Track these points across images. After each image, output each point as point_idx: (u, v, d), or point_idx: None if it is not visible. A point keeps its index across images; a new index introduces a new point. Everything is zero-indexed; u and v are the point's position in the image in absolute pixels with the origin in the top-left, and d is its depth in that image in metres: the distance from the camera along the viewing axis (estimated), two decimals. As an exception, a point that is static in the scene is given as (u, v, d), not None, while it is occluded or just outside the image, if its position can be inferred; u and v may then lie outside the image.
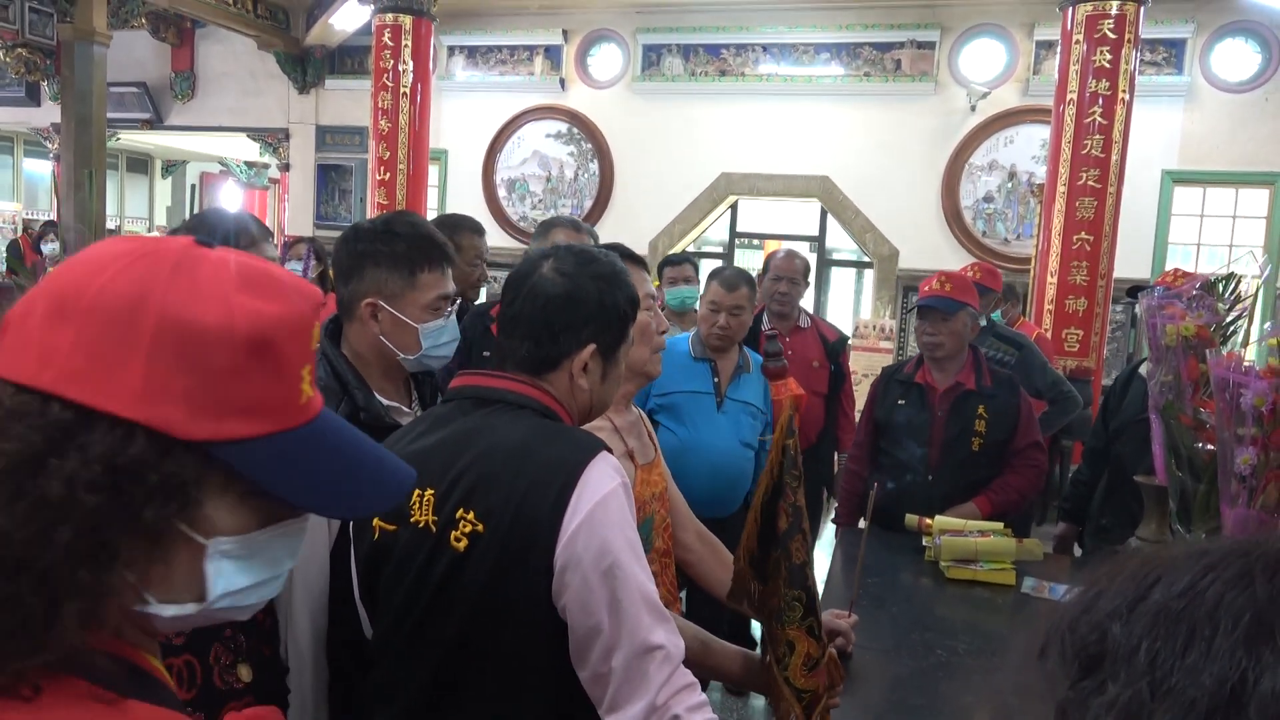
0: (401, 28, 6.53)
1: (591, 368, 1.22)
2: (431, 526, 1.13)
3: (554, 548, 1.08)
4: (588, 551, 1.07)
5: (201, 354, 0.56)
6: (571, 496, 1.08)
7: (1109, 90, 5.28)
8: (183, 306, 0.56)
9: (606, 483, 1.11)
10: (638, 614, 1.08)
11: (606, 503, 1.09)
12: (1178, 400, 1.78)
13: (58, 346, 0.55)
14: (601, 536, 1.08)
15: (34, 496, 0.53)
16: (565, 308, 1.20)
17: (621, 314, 1.24)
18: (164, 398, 0.55)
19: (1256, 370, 1.34)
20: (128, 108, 9.37)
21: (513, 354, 1.22)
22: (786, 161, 8.08)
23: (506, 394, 1.19)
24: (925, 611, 1.98)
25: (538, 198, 8.69)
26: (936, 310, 2.68)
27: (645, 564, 1.14)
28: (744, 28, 8.07)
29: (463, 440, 1.16)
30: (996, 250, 7.66)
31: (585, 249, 1.28)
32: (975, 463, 2.58)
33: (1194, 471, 1.63)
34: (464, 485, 1.12)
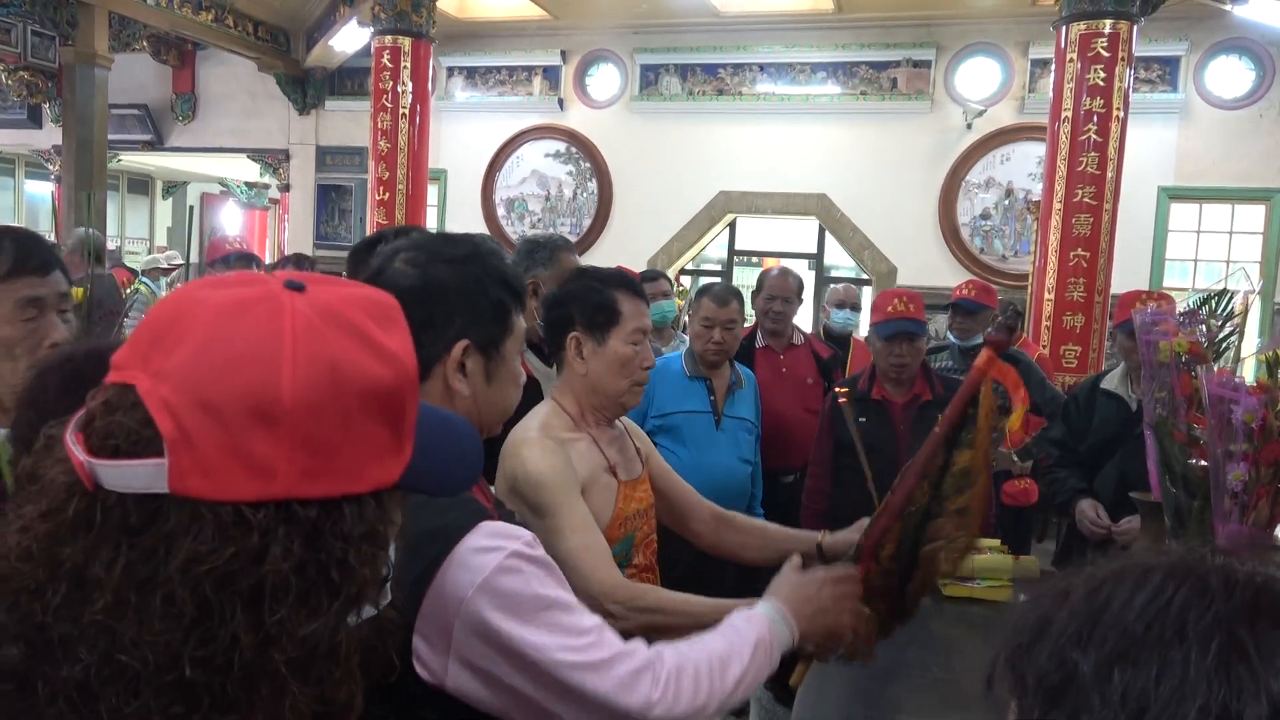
0: (400, 49, 6.59)
1: (470, 368, 1.04)
2: None
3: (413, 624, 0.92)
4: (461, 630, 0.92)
5: (389, 405, 0.58)
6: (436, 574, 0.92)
7: (1103, 108, 5.31)
8: (362, 368, 0.57)
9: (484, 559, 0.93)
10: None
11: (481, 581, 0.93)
12: (1171, 417, 1.79)
13: (275, 454, 0.54)
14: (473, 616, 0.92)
15: (325, 592, 0.55)
16: (420, 302, 0.99)
17: (492, 298, 1.06)
18: (378, 458, 0.58)
19: (1247, 386, 1.34)
20: (129, 129, 9.43)
21: None
22: (784, 180, 8.11)
23: None
24: (921, 629, 1.97)
25: (536, 217, 8.73)
26: (906, 334, 2.70)
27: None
28: (741, 47, 8.13)
29: None
30: (994, 267, 7.68)
31: (444, 236, 1.13)
32: None
33: (1188, 488, 1.63)
34: None
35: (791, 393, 3.34)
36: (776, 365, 3.42)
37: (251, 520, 0.53)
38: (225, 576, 0.53)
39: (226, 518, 0.53)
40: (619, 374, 1.61)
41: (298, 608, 0.54)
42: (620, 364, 1.61)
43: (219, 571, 0.52)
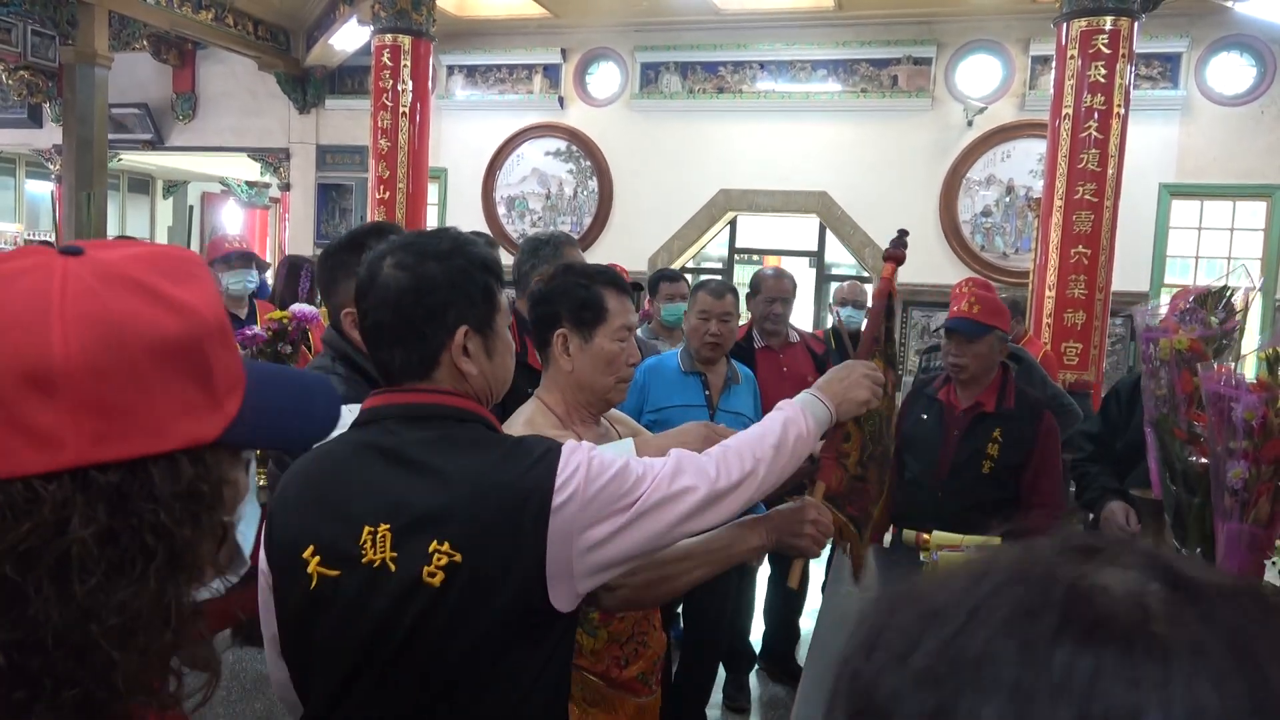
0: (400, 48, 6.58)
1: (472, 349, 1.14)
2: (390, 564, 1.04)
3: (548, 517, 1.05)
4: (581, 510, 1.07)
5: (187, 358, 0.56)
6: (558, 477, 1.07)
7: (1104, 105, 5.30)
8: (149, 323, 0.55)
9: (577, 455, 1.10)
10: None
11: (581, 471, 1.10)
12: (1171, 414, 1.78)
13: (58, 421, 0.52)
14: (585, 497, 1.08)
15: (139, 556, 0.54)
16: (418, 301, 1.12)
17: (480, 283, 1.16)
18: (186, 414, 0.56)
19: (1247, 383, 1.34)
20: (129, 129, 9.43)
21: (390, 365, 1.15)
22: (785, 178, 8.11)
23: (427, 408, 1.13)
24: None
25: (537, 215, 8.73)
26: (961, 333, 2.67)
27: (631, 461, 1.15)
28: (741, 45, 8.12)
29: (415, 467, 1.08)
30: (995, 264, 7.67)
31: (421, 234, 1.21)
32: (985, 485, 2.55)
33: (1188, 485, 1.62)
34: (435, 515, 1.05)
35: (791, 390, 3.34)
36: (778, 365, 3.42)
37: (43, 493, 0.51)
38: (26, 555, 0.51)
39: (17, 494, 0.51)
40: (605, 370, 1.62)
41: (111, 576, 0.53)
42: (607, 361, 1.62)
43: (19, 550, 0.50)
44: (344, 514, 1.08)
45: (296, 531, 1.10)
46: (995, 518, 1.96)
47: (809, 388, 1.39)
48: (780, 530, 1.38)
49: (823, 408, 1.34)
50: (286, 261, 4.37)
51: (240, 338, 2.87)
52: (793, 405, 1.32)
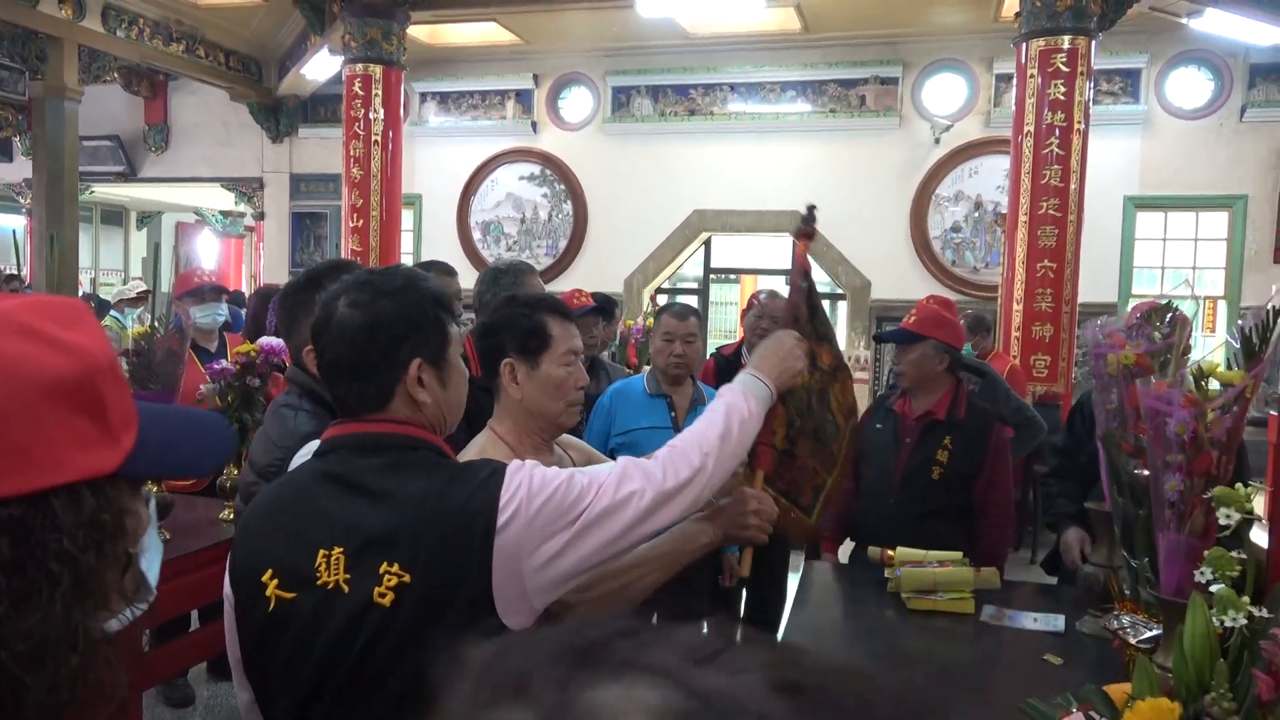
0: (372, 77, 6.62)
1: (427, 380, 1.18)
2: (343, 586, 1.08)
3: (493, 538, 1.08)
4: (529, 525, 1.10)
5: (80, 395, 0.59)
6: (501, 498, 1.09)
7: (1065, 121, 5.41)
8: (39, 363, 0.58)
9: (520, 474, 1.13)
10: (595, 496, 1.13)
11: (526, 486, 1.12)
12: (1121, 428, 1.82)
13: None
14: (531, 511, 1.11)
15: (45, 584, 0.56)
16: (373, 337, 1.16)
17: (431, 317, 1.20)
18: (82, 448, 0.59)
19: (1179, 398, 1.38)
20: (101, 161, 9.40)
21: (347, 400, 1.19)
22: (757, 197, 8.19)
23: (380, 437, 1.17)
24: (885, 643, 1.99)
25: (512, 239, 8.76)
26: (897, 341, 2.76)
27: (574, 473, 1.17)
28: (711, 68, 8.22)
29: (367, 492, 1.12)
30: (966, 279, 7.77)
31: (374, 272, 1.24)
32: (936, 491, 2.62)
33: (1135, 498, 1.66)
34: (384, 537, 1.09)
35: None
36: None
37: None
38: None
39: None
40: (554, 396, 1.64)
41: (19, 604, 0.55)
42: (554, 386, 1.64)
43: None
44: (301, 539, 1.12)
45: (257, 556, 1.15)
46: (947, 525, 2.02)
47: (748, 369, 1.39)
48: (726, 525, 1.40)
49: (762, 385, 1.36)
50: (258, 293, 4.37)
51: (209, 371, 2.87)
52: (733, 390, 1.34)
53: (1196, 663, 1.13)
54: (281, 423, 1.76)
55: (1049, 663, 1.87)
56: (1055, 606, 2.19)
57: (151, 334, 2.53)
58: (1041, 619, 2.10)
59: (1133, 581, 1.68)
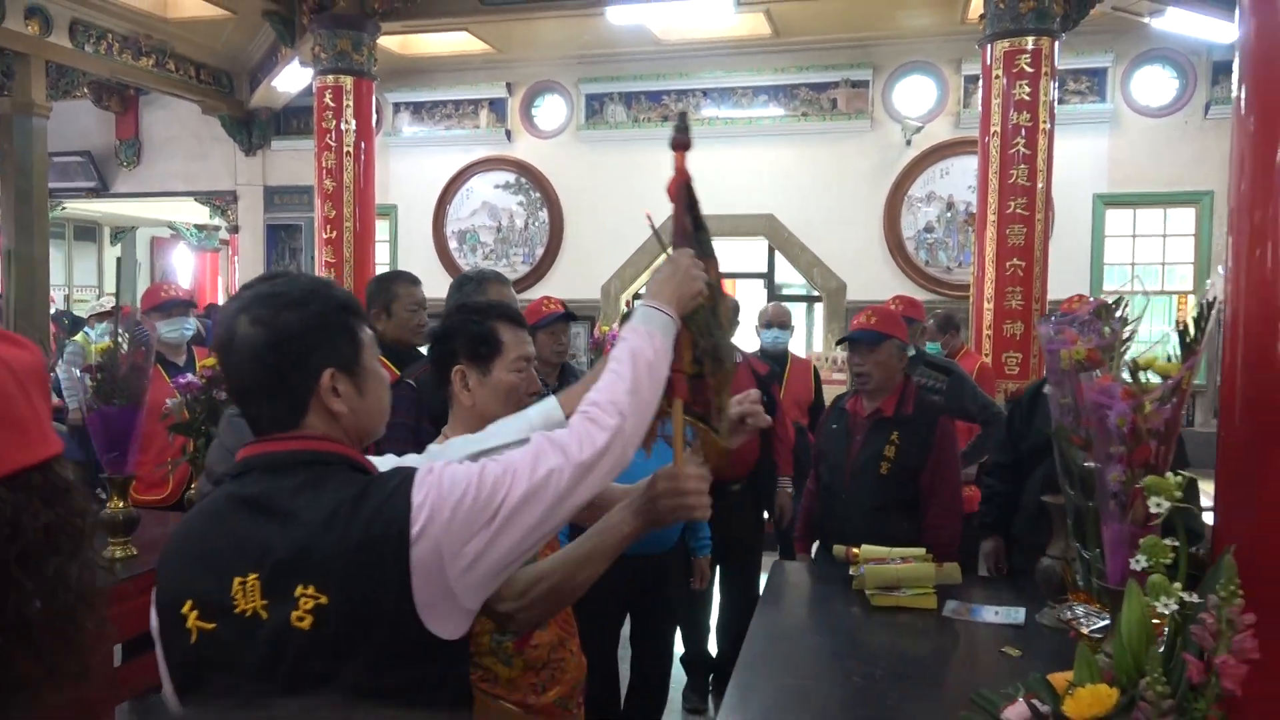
0: (343, 88, 6.61)
1: (342, 390, 1.15)
2: (261, 613, 1.05)
3: (409, 551, 1.05)
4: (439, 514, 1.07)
5: (41, 380, 0.68)
6: (412, 508, 1.06)
7: (1030, 121, 5.47)
8: (12, 355, 0.66)
9: (428, 479, 1.10)
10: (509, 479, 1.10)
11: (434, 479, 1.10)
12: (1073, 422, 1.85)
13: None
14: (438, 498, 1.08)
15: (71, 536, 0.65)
16: (279, 352, 1.12)
17: (338, 324, 1.16)
18: (48, 424, 0.67)
19: (1119, 391, 1.41)
20: (72, 177, 9.33)
21: (261, 419, 1.15)
22: (731, 201, 8.22)
23: (292, 455, 1.13)
24: (848, 640, 2.02)
25: (489, 248, 8.76)
26: (863, 342, 2.78)
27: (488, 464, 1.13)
28: (683, 74, 8.27)
29: (279, 515, 1.09)
30: (940, 279, 7.84)
31: (275, 285, 1.19)
32: (884, 486, 2.67)
33: (1085, 490, 1.69)
34: (296, 560, 1.06)
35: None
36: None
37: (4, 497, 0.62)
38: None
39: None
40: (505, 402, 1.64)
41: (67, 557, 0.63)
42: (506, 392, 1.65)
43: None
44: (216, 567, 1.08)
45: (175, 588, 1.11)
46: (897, 518, 2.03)
47: (644, 300, 1.32)
48: (651, 510, 1.36)
49: (663, 316, 1.29)
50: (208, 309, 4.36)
51: (176, 385, 2.87)
52: (634, 331, 1.27)
53: (1133, 649, 1.16)
54: (236, 431, 1.76)
55: (1007, 655, 1.89)
56: (1017, 600, 2.22)
57: (115, 349, 2.53)
58: (1002, 612, 2.12)
59: (1085, 573, 1.70)
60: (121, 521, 2.55)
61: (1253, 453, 1.42)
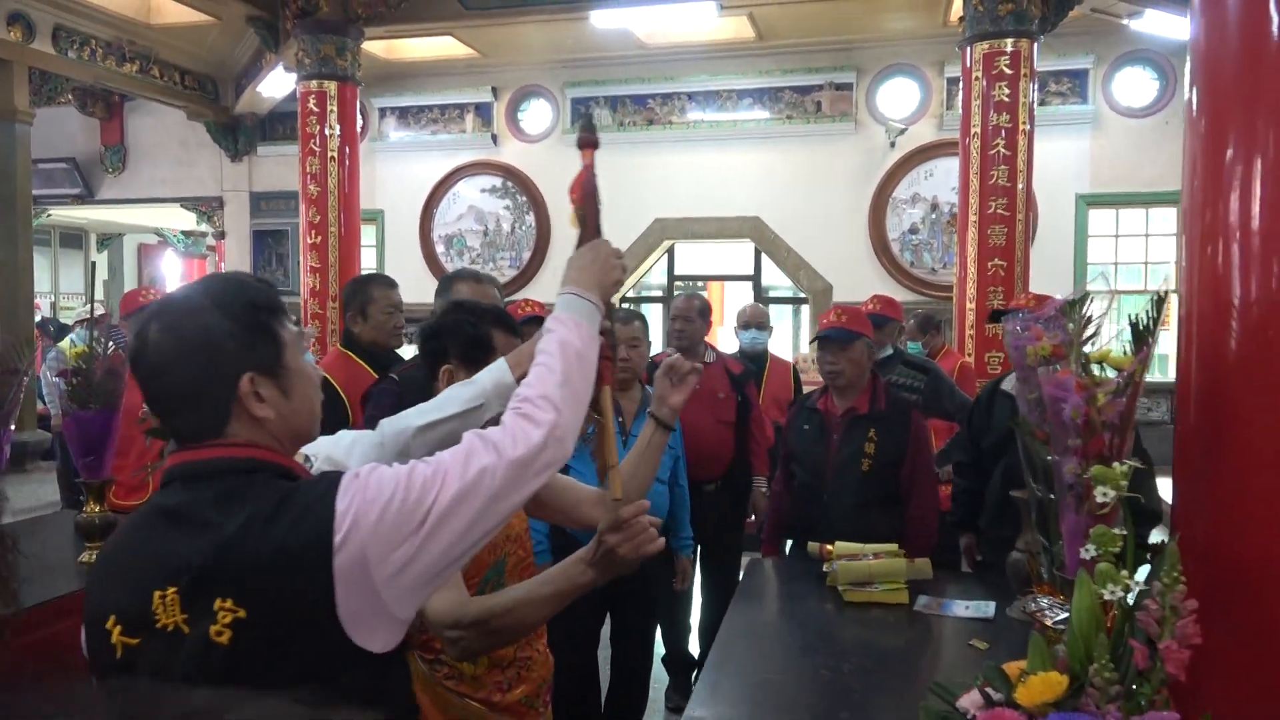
0: (327, 93, 6.62)
1: (265, 393, 1.10)
2: (183, 627, 1.02)
3: (331, 561, 1.00)
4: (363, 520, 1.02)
5: None
6: (335, 515, 1.02)
7: (1010, 122, 5.51)
8: None
9: (353, 485, 1.05)
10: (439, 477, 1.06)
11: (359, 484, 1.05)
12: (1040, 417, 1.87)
13: None
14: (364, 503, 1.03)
15: None
16: (192, 362, 1.08)
17: (253, 325, 1.11)
18: None
19: (1073, 384, 1.43)
20: (57, 183, 9.31)
21: (184, 429, 1.11)
22: (717, 204, 8.26)
23: (212, 464, 1.09)
24: (820, 635, 2.03)
25: (476, 252, 8.77)
26: (835, 340, 2.80)
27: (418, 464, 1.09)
28: (669, 78, 8.30)
29: (197, 526, 1.05)
30: (925, 280, 7.88)
31: (185, 290, 1.14)
32: (866, 483, 2.69)
33: (1048, 483, 1.71)
34: (213, 572, 1.02)
35: (704, 407, 3.44)
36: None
37: None
38: None
39: None
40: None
41: None
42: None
43: None
44: (136, 581, 1.05)
45: (100, 602, 1.08)
46: (879, 514, 2.05)
47: (565, 287, 1.29)
48: (609, 562, 1.34)
49: (587, 304, 1.27)
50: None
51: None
52: (560, 322, 1.25)
53: (1084, 636, 1.17)
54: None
55: (975, 647, 1.91)
56: (988, 594, 2.24)
57: (91, 353, 2.53)
58: (973, 606, 2.14)
59: (1049, 564, 1.72)
60: (98, 526, 2.55)
61: (1206, 443, 1.44)
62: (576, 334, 1.23)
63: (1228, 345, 1.43)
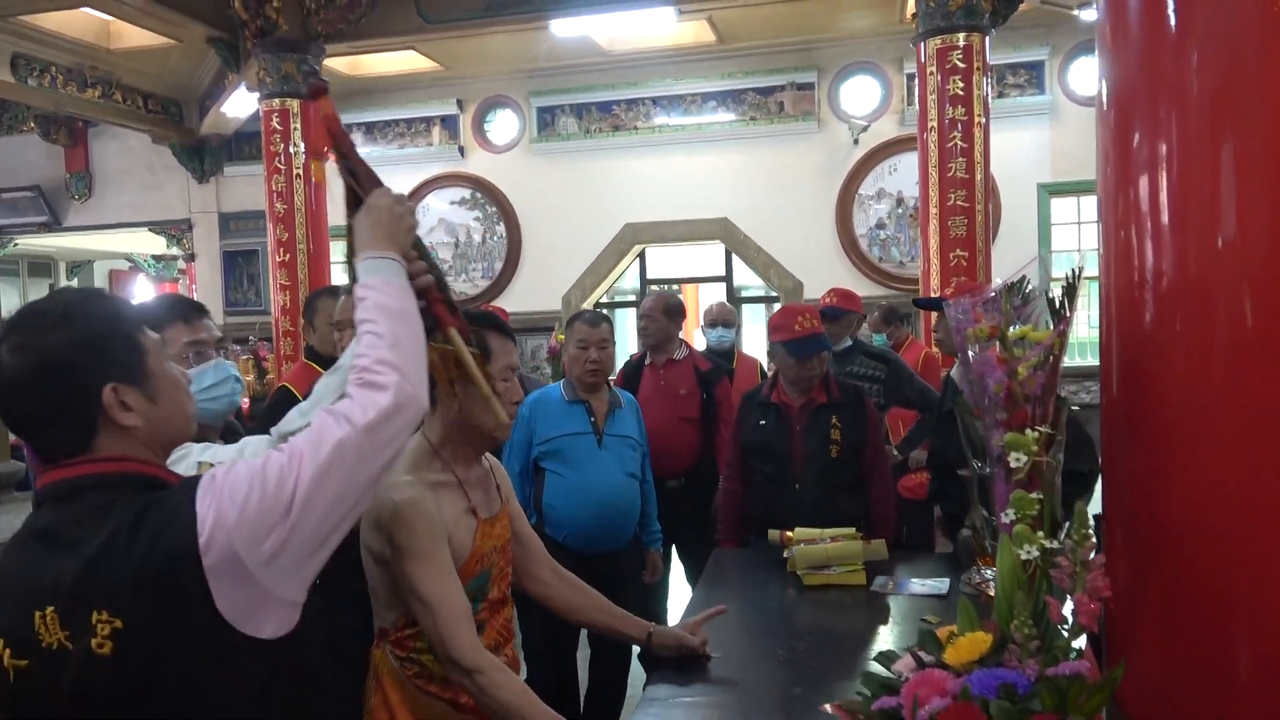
0: (290, 111, 6.63)
1: (131, 402, 1.11)
2: (66, 644, 1.03)
3: (200, 563, 1.02)
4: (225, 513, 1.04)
5: None
6: (196, 520, 1.03)
7: (966, 116, 5.60)
8: None
9: (211, 487, 1.07)
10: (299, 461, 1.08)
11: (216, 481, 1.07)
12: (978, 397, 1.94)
13: None
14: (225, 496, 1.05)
15: None
16: (48, 378, 1.07)
17: (110, 334, 1.11)
18: None
19: (995, 360, 1.49)
20: (22, 212, 9.26)
21: (50, 447, 1.11)
22: (686, 207, 8.33)
23: (77, 482, 1.09)
24: (779, 619, 2.08)
25: (448, 264, 8.78)
26: (814, 348, 2.82)
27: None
28: (632, 83, 8.36)
29: (63, 546, 1.06)
30: (893, 274, 7.97)
31: (34, 308, 1.13)
32: (835, 469, 2.75)
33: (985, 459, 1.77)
34: (85, 588, 1.03)
35: (668, 404, 3.51)
36: (657, 379, 3.60)
37: None
38: None
39: None
40: (483, 411, 1.65)
41: None
42: (484, 398, 1.64)
43: None
44: (18, 604, 1.07)
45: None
46: (846, 498, 2.11)
47: (361, 253, 1.29)
48: None
49: (384, 261, 1.28)
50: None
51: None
52: (367, 287, 1.25)
53: (1007, 595, 1.23)
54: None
55: (928, 622, 1.96)
56: (943, 572, 2.30)
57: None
58: (928, 584, 2.20)
59: (989, 536, 1.79)
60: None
61: (1126, 412, 1.50)
62: (389, 295, 1.24)
63: (1143, 322, 1.49)
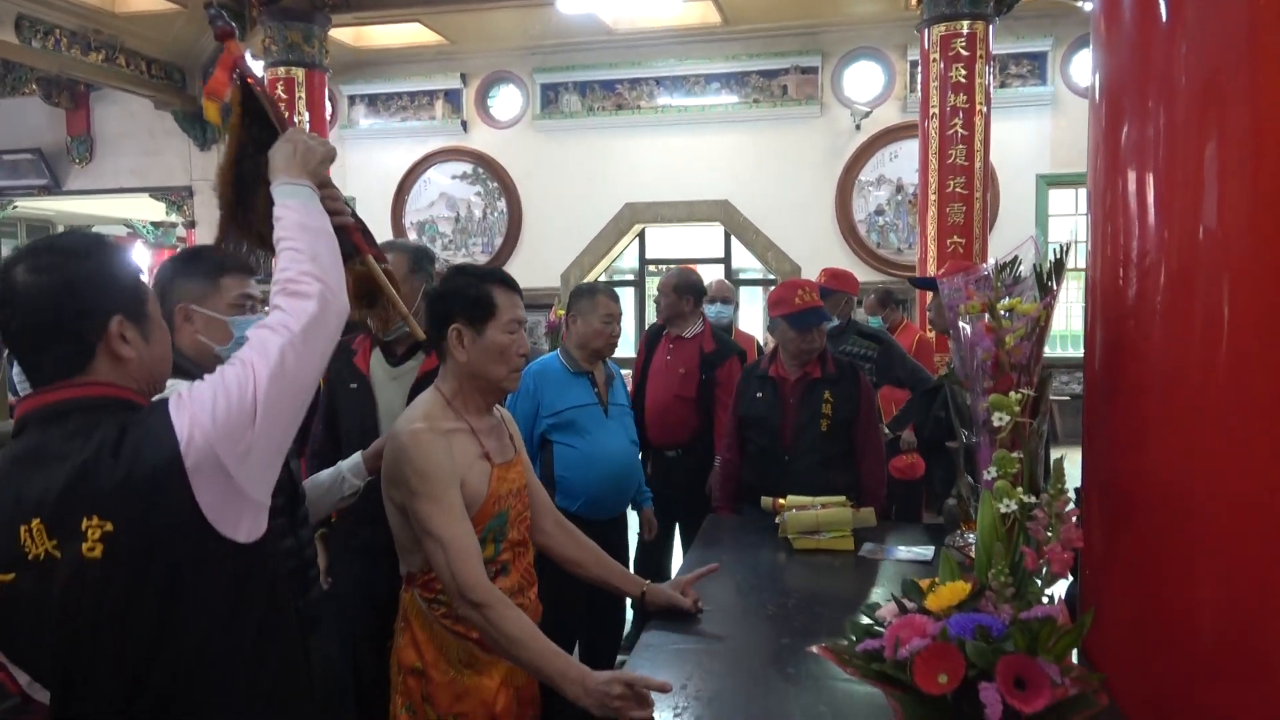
0: (295, 80, 6.65)
1: (130, 336, 1.19)
2: (54, 553, 1.09)
3: (183, 465, 1.10)
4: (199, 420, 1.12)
5: None
6: (175, 428, 1.11)
7: (967, 103, 5.65)
8: None
9: (182, 402, 1.15)
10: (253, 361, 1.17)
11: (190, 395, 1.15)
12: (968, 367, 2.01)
13: None
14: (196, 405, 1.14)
15: None
16: (68, 298, 1.15)
17: (124, 273, 1.21)
18: None
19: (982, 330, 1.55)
20: (22, 174, 9.25)
21: (43, 366, 1.17)
22: (686, 188, 8.37)
23: (70, 403, 1.15)
24: (769, 578, 2.16)
25: (448, 238, 8.83)
26: (815, 321, 2.89)
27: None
28: (636, 63, 8.38)
29: (50, 462, 1.12)
30: (891, 260, 8.04)
31: (57, 237, 1.22)
32: (825, 442, 2.82)
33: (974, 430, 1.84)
34: (74, 495, 1.09)
35: (668, 380, 3.59)
36: (665, 353, 3.68)
37: None
38: None
39: None
40: (498, 361, 1.76)
41: None
42: (499, 351, 1.76)
43: None
44: (1, 523, 1.11)
45: None
46: (837, 471, 2.20)
47: (276, 179, 1.36)
48: (602, 701, 1.48)
49: (298, 187, 1.35)
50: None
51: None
52: (285, 208, 1.33)
53: (986, 547, 1.30)
54: None
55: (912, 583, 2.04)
56: (929, 540, 2.38)
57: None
58: (914, 551, 2.28)
59: (974, 503, 1.86)
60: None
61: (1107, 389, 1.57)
62: (305, 215, 1.32)
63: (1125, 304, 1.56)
